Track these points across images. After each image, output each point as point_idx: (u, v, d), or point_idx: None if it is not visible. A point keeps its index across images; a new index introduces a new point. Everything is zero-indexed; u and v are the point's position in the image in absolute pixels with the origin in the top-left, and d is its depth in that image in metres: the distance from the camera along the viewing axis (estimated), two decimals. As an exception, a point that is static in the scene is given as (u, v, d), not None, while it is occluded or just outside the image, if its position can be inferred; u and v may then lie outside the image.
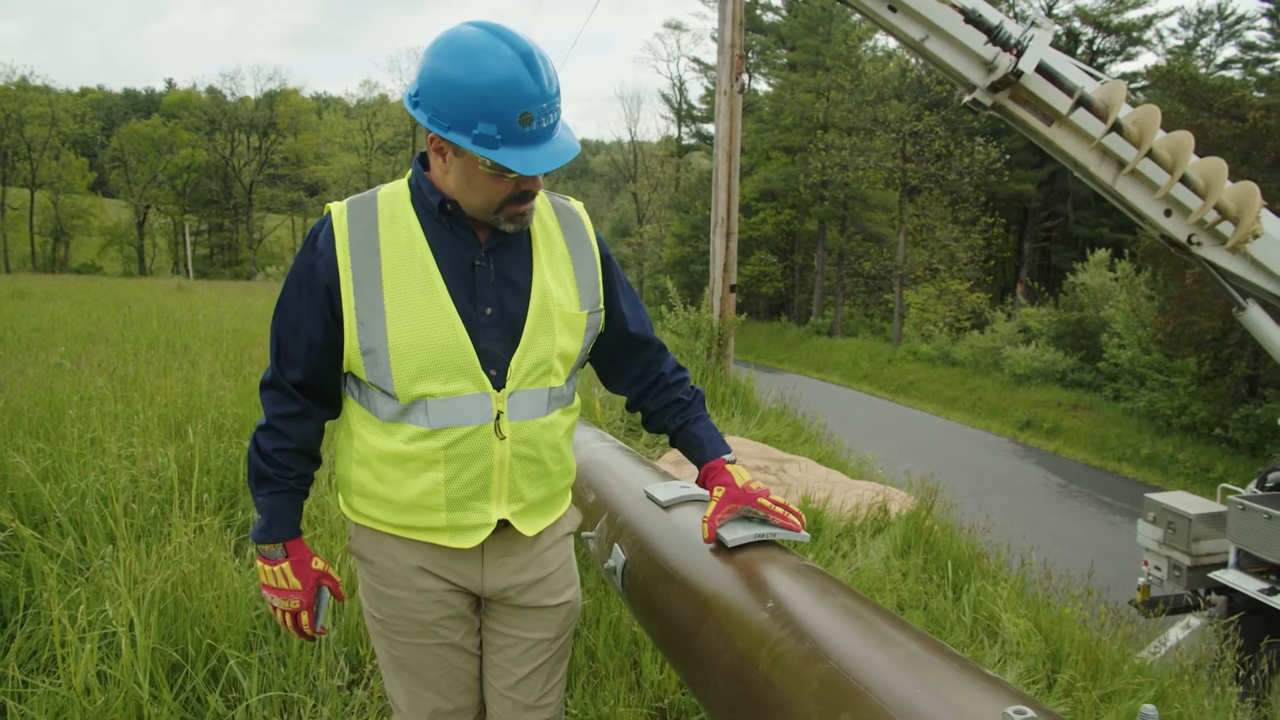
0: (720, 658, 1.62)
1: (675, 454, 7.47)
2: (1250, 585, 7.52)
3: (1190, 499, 9.19)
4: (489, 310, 1.76)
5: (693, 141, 57.72)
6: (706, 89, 56.42)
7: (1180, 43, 38.51)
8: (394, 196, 1.80)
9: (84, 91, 68.89)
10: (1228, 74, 33.01)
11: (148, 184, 57.06)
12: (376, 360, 1.73)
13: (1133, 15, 37.63)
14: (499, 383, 1.77)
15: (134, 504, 3.54)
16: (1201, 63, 36.12)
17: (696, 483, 2.10)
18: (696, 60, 57.30)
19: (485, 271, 1.77)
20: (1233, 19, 36.90)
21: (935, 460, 16.21)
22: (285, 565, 1.91)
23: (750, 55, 52.47)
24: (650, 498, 2.29)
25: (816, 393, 23.83)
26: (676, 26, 63.59)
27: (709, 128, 53.74)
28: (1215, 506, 8.60)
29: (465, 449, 1.77)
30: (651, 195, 58.58)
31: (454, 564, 1.89)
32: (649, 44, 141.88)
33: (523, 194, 1.71)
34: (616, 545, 2.25)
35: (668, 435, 2.11)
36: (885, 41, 42.69)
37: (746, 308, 47.05)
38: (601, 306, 1.94)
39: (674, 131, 60.73)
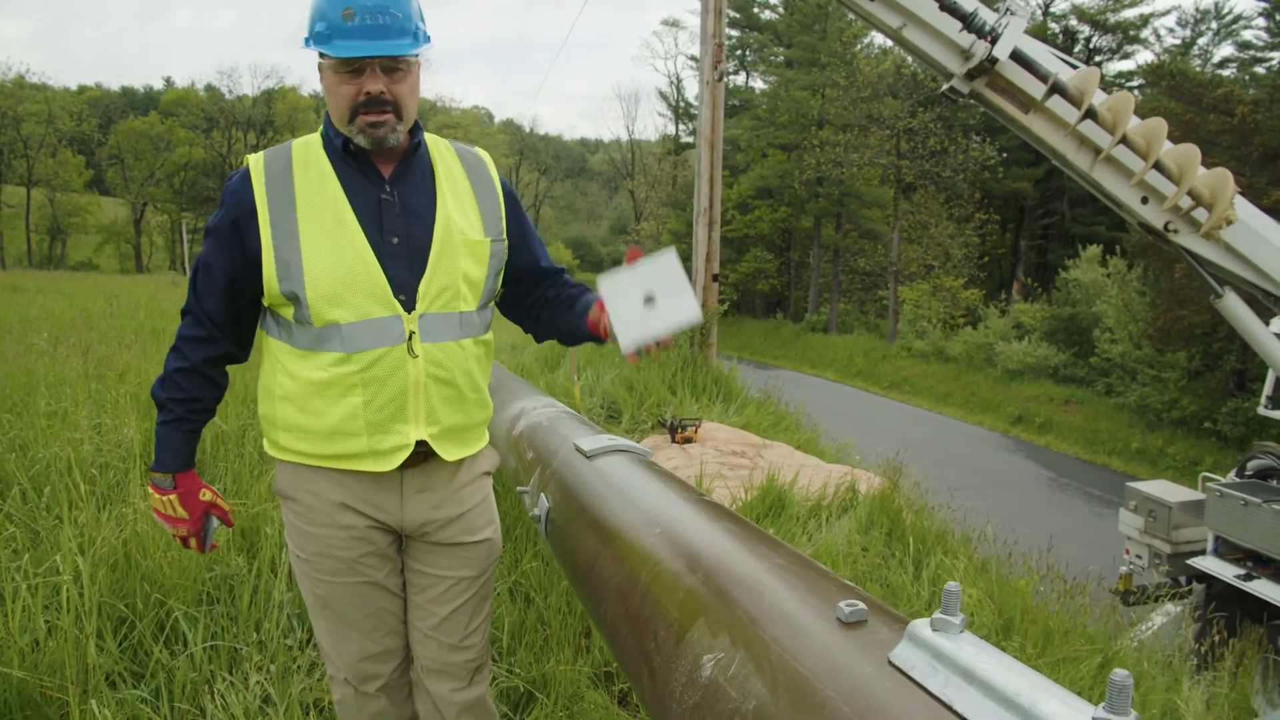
0: (611, 582, 1.68)
1: (654, 438, 7.53)
2: (1227, 571, 7.56)
3: (1171, 487, 9.24)
4: (396, 240, 1.89)
5: (690, 139, 57.60)
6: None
7: (1177, 42, 38.55)
8: (306, 144, 1.95)
9: (81, 89, 68.74)
10: (1224, 73, 33.03)
11: (145, 182, 56.91)
12: (293, 285, 1.84)
13: (1129, 14, 37.62)
14: (409, 306, 1.88)
15: (95, 470, 3.59)
16: (1199, 62, 36.13)
17: (586, 320, 2.09)
18: (693, 58, 57.25)
19: (391, 204, 1.90)
20: (1229, 18, 36.92)
21: (927, 454, 16.23)
22: (173, 496, 2.02)
23: (747, 52, 52.50)
24: (577, 449, 2.35)
25: (810, 389, 23.87)
26: (674, 24, 63.33)
27: (706, 125, 53.62)
28: (1195, 495, 8.63)
29: (380, 371, 1.86)
30: (649, 193, 58.63)
31: (374, 497, 1.96)
32: (646, 42, 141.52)
33: (368, 100, 1.82)
34: (542, 494, 2.31)
35: (555, 327, 2.18)
36: (881, 39, 42.69)
37: (742, 305, 47.08)
38: (505, 237, 2.06)
39: (671, 129, 60.76)
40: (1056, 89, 5.57)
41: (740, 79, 53.58)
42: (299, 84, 62.44)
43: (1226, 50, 37.44)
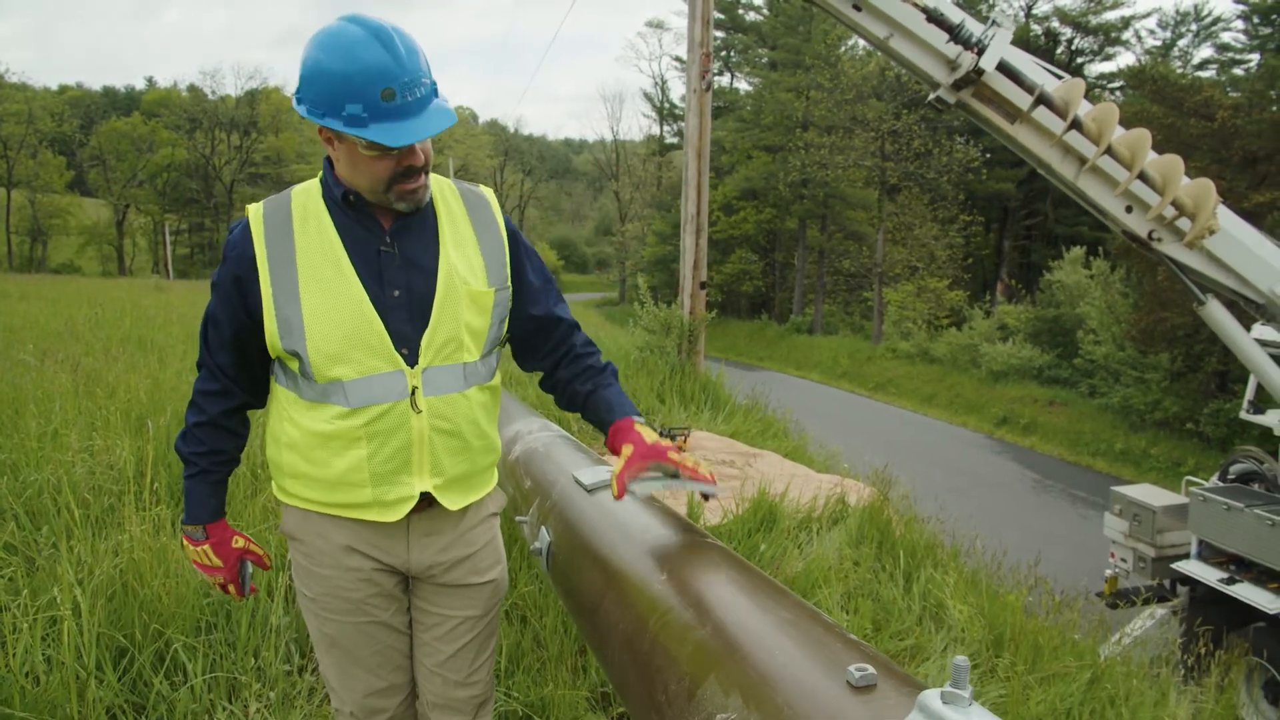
0: (617, 627, 1.70)
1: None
2: (1210, 575, 7.62)
3: (1156, 492, 9.30)
4: (397, 292, 1.86)
5: (674, 140, 57.72)
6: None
7: (1158, 44, 38.86)
8: (306, 193, 1.91)
9: (62, 89, 68.25)
10: (1204, 75, 33.32)
11: (127, 183, 56.56)
12: (294, 343, 1.82)
13: (1111, 16, 37.96)
14: (411, 360, 1.86)
15: (89, 495, 3.58)
16: (1179, 63, 36.42)
17: (605, 444, 2.12)
18: (678, 59, 57.28)
19: (391, 256, 1.87)
20: (1209, 20, 37.22)
21: (913, 456, 16.34)
22: (206, 547, 2.04)
23: (732, 54, 52.57)
24: (576, 481, 2.37)
25: (796, 390, 23.96)
26: (659, 25, 63.45)
27: (690, 126, 53.71)
28: (1179, 499, 8.69)
29: (384, 425, 1.86)
30: (634, 194, 58.75)
31: (381, 541, 1.96)
32: (631, 43, 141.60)
33: (407, 170, 1.78)
34: (543, 527, 2.33)
35: (579, 407, 2.15)
36: (864, 41, 42.72)
37: (728, 306, 47.17)
38: (510, 284, 2.02)
39: (656, 130, 60.93)
40: (1042, 100, 5.61)
41: (725, 80, 53.68)
42: (282, 85, 62.13)
43: (1206, 52, 37.81)
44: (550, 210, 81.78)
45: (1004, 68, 5.62)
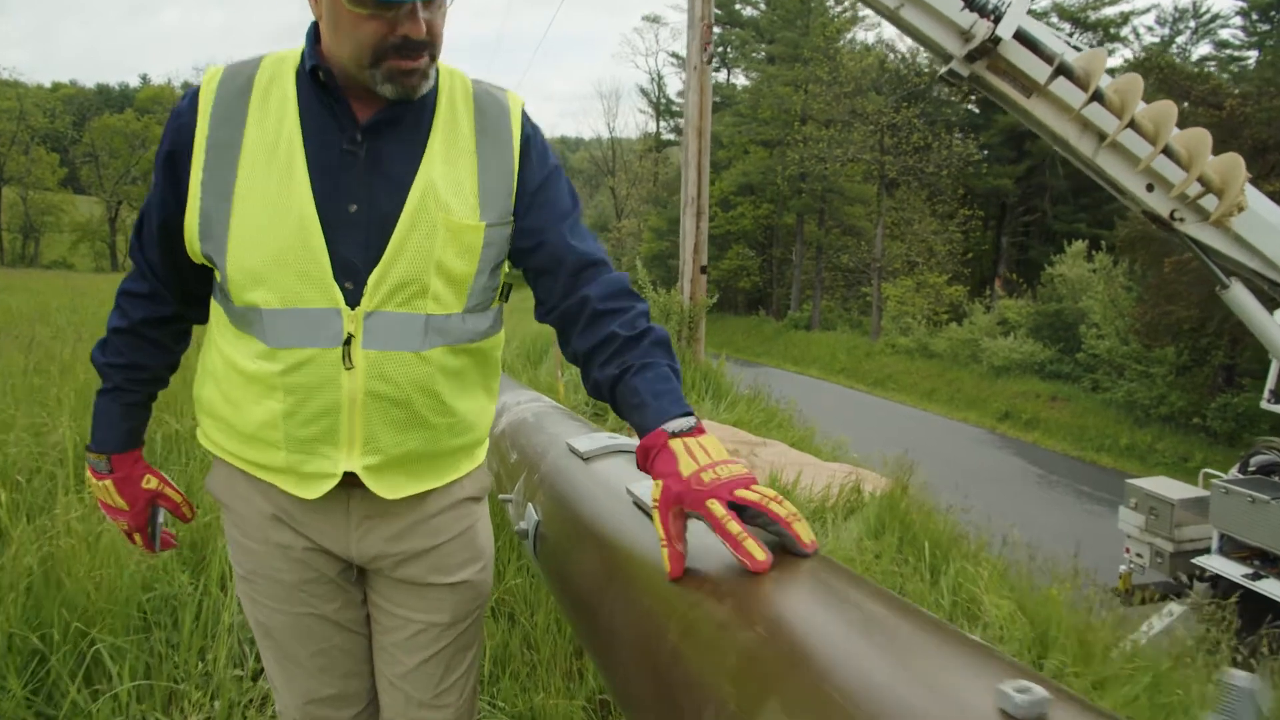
0: (624, 632, 1.25)
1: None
2: (1234, 570, 7.35)
3: (1172, 484, 9.04)
4: (354, 207, 1.39)
5: (671, 136, 57.54)
6: (685, 82, 56.31)
7: (1156, 40, 38.66)
8: (279, 63, 1.44)
9: (56, 87, 67.94)
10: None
11: (120, 179, 56.26)
12: (214, 249, 1.40)
13: (1110, 12, 37.82)
14: (354, 299, 1.39)
15: (20, 478, 3.19)
16: (1177, 60, 36.24)
17: (638, 467, 1.44)
18: (675, 55, 57.08)
19: (354, 158, 1.39)
20: (1207, 16, 37.04)
21: (912, 451, 15.95)
22: (109, 482, 1.63)
23: (729, 49, 52.34)
24: (571, 449, 1.94)
25: (794, 386, 23.62)
26: (655, 20, 63.31)
27: (687, 122, 53.75)
28: (1198, 491, 8.46)
29: (306, 377, 1.41)
30: (630, 190, 58.52)
31: (311, 518, 1.53)
32: (627, 39, 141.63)
33: (402, 43, 1.31)
34: (530, 505, 1.91)
35: (606, 398, 1.49)
36: (863, 34, 42.72)
37: (725, 302, 46.92)
38: (512, 218, 1.51)
39: (652, 127, 60.64)
40: (1062, 70, 5.34)
41: (722, 76, 53.51)
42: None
43: (1204, 49, 37.62)
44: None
45: (1021, 36, 5.36)
